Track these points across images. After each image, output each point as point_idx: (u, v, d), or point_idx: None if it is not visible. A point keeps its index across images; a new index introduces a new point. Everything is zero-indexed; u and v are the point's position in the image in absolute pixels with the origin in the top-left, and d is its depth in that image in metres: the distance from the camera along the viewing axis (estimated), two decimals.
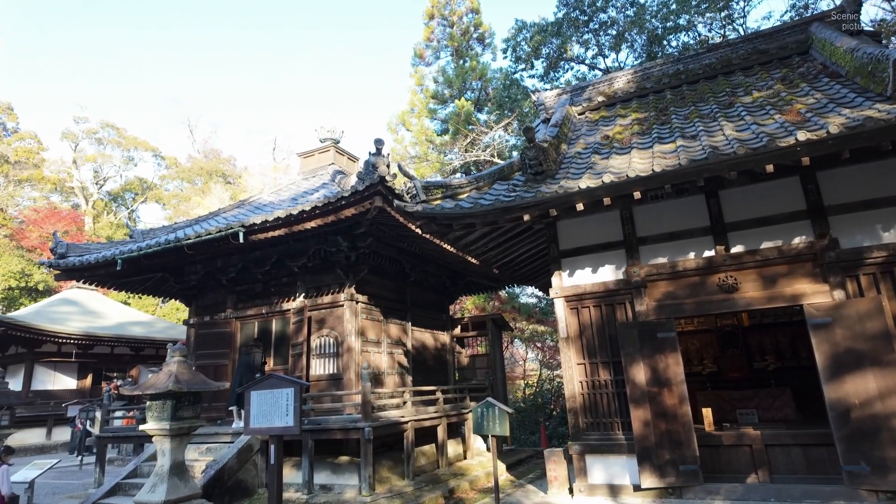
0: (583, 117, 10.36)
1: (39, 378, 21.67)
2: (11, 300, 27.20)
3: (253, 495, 8.35)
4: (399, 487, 8.46)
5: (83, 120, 41.29)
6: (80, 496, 9.42)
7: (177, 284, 12.35)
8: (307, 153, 14.76)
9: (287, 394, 5.82)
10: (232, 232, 9.32)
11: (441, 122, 24.05)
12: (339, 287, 10.43)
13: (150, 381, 6.42)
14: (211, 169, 42.99)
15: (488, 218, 6.88)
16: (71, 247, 11.47)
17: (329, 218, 8.84)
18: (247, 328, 11.56)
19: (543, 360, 23.57)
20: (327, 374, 10.09)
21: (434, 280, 13.27)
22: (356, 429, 8.15)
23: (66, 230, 28.61)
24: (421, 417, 9.57)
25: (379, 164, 8.33)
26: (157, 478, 6.09)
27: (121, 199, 43.89)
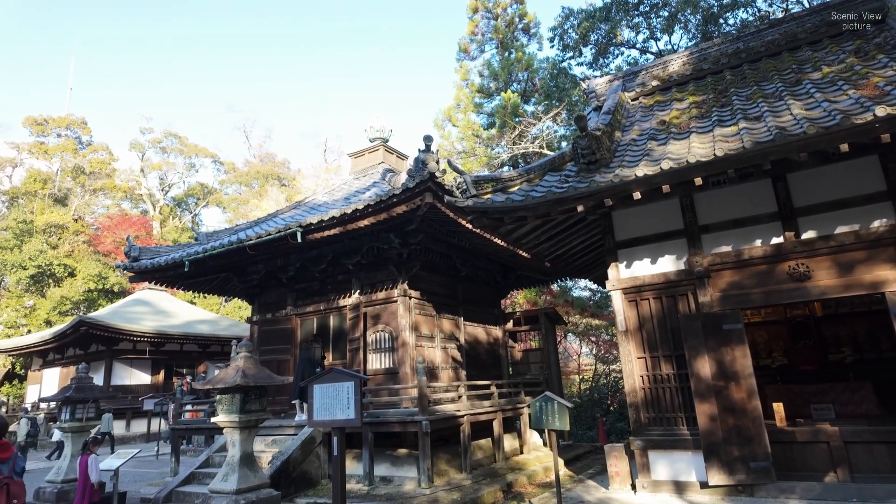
0: (636, 103, 10.04)
1: (118, 374, 23.24)
2: (91, 301, 29.23)
3: (317, 486, 8.64)
4: (457, 480, 8.53)
5: (148, 130, 43.79)
6: (158, 484, 10.05)
7: (240, 284, 12.92)
8: (357, 153, 15.05)
9: (348, 387, 5.97)
10: (290, 232, 9.64)
11: (487, 116, 23.91)
12: (393, 283, 10.60)
13: (220, 376, 6.76)
14: (267, 172, 44.61)
15: (540, 210, 6.80)
16: (143, 250, 12.21)
17: (381, 216, 8.98)
18: (306, 324, 11.95)
19: (598, 354, 23.10)
20: (384, 369, 10.29)
21: (485, 275, 13.25)
22: (414, 422, 8.28)
23: (137, 235, 30.43)
24: (476, 412, 9.61)
25: (428, 160, 8.39)
26: (228, 468, 6.42)
27: (184, 203, 46.30)
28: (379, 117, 15.11)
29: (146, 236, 33.52)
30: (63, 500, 8.04)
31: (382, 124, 14.95)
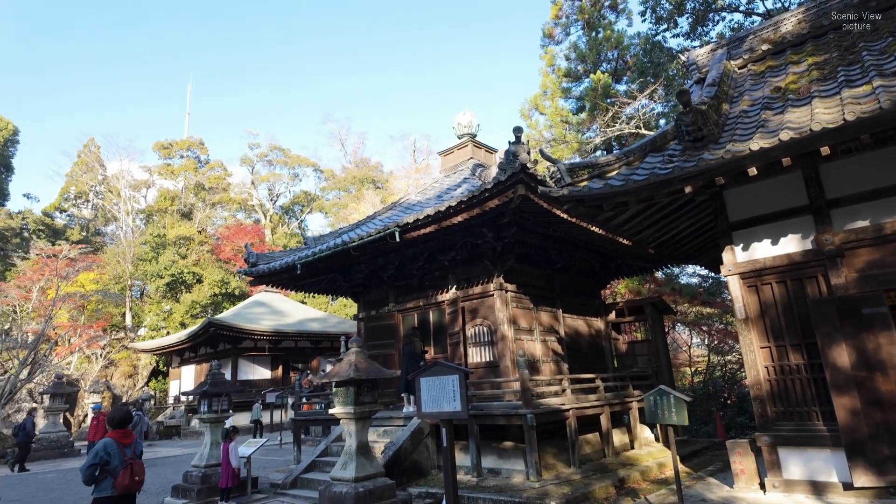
0: (744, 71, 9.21)
1: (242, 369, 25.57)
2: (216, 304, 32.38)
3: (427, 475, 8.92)
4: (566, 474, 8.40)
5: (256, 146, 47.56)
6: (284, 470, 10.93)
7: (345, 283, 13.65)
8: (446, 151, 15.25)
9: (453, 380, 6.10)
10: (389, 232, 10.01)
11: (576, 100, 23.14)
12: (488, 277, 10.64)
13: (335, 371, 7.19)
14: (362, 177, 46.64)
15: (642, 194, 6.47)
16: (260, 256, 13.31)
17: (474, 211, 9.03)
18: (408, 319, 12.37)
19: (711, 344, 21.57)
20: (484, 362, 10.38)
21: (582, 265, 12.88)
22: (518, 415, 8.27)
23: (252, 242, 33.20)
24: (582, 405, 9.38)
25: (519, 151, 8.30)
26: (346, 457, 6.82)
27: (291, 211, 49.77)
28: (465, 113, 15.19)
29: (260, 243, 36.47)
30: (206, 483, 9.00)
31: (469, 120, 15.02)
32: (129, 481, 5.01)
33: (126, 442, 5.17)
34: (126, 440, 5.19)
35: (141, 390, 30.08)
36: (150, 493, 10.37)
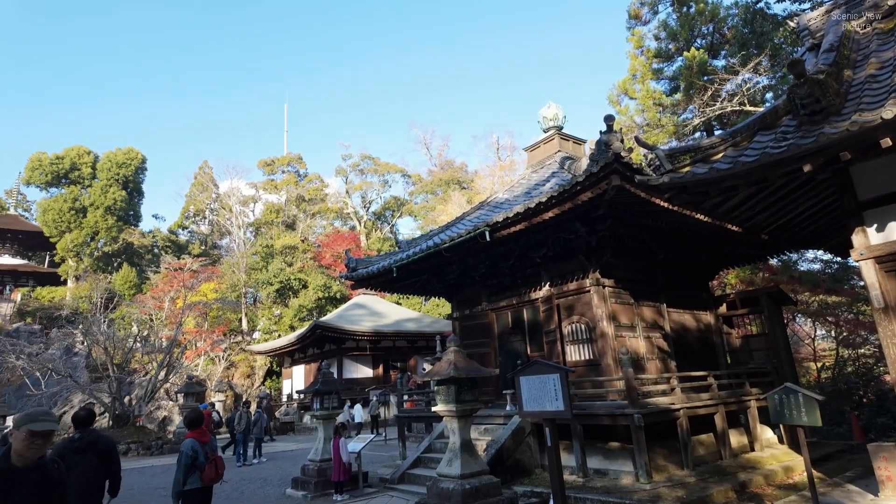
0: (868, 31, 8.18)
1: (347, 368, 26.95)
2: (320, 308, 34.40)
3: (531, 474, 8.88)
4: (679, 477, 7.97)
5: (348, 157, 49.94)
6: (391, 466, 11.38)
7: (438, 284, 13.94)
8: (532, 146, 15.05)
9: (554, 379, 6.02)
10: (479, 232, 10.08)
11: (669, 81, 21.82)
12: (583, 273, 10.36)
13: (435, 369, 7.38)
14: (448, 178, 47.33)
15: (754, 176, 5.96)
16: (359, 261, 13.97)
17: (566, 205, 8.84)
18: (502, 318, 12.38)
19: (840, 336, 19.38)
20: (584, 360, 10.12)
21: (686, 256, 12.11)
22: (624, 415, 7.98)
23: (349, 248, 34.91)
24: (694, 405, 8.85)
25: (612, 140, 8.00)
26: (451, 454, 6.97)
27: (382, 216, 51.71)
28: (550, 106, 14.90)
29: (356, 249, 38.20)
30: (322, 476, 9.61)
31: (555, 112, 14.71)
32: (214, 474, 5.64)
33: (204, 440, 5.79)
34: (203, 438, 5.81)
35: (258, 389, 32.71)
36: (273, 484, 11.28)
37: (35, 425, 2.93)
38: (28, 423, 2.93)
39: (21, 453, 2.93)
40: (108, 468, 5.50)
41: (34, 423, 2.94)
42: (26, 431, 2.91)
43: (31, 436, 2.91)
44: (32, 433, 2.91)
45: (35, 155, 43.27)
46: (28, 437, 2.91)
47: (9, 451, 2.95)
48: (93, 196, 42.56)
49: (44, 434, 2.96)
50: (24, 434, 2.91)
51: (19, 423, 2.94)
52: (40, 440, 2.95)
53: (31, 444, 2.92)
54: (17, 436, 2.93)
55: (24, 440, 2.92)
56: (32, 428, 2.92)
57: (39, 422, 2.96)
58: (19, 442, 2.92)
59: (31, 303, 39.55)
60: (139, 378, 26.47)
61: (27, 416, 2.99)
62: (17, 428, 2.95)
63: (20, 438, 2.92)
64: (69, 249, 41.42)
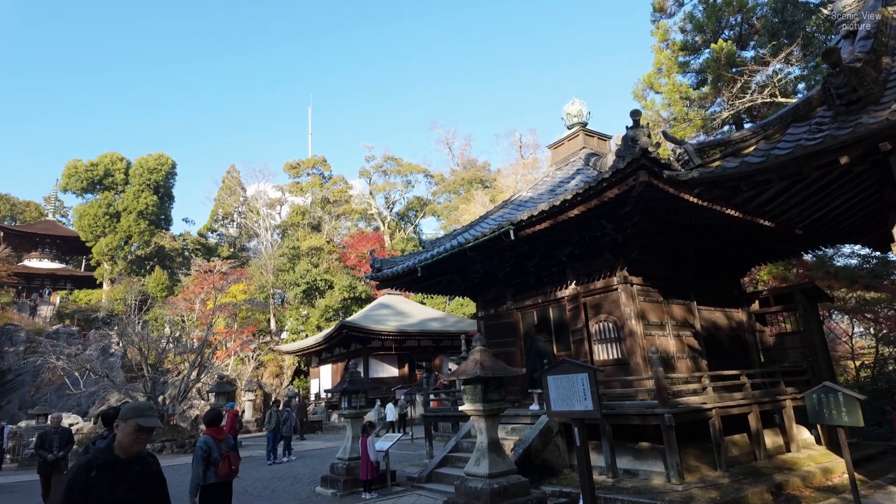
0: None
1: (373, 368, 27.16)
2: (346, 308, 34.78)
3: (559, 474, 8.81)
4: (712, 478, 7.81)
5: (371, 158, 50.34)
6: (418, 465, 11.43)
7: (463, 283, 13.93)
8: (556, 143, 14.93)
9: (582, 378, 5.96)
10: (503, 231, 10.04)
11: (696, 74, 21.38)
12: (610, 271, 10.22)
13: (461, 369, 7.38)
14: (470, 178, 47.30)
15: (787, 169, 5.79)
16: (384, 262, 14.07)
17: (591, 202, 8.73)
18: (527, 317, 12.30)
19: (880, 334, 18.70)
20: (612, 360, 9.99)
21: (717, 252, 11.84)
22: (654, 414, 7.85)
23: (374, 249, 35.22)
24: (727, 404, 8.65)
25: (638, 136, 7.87)
26: (479, 453, 6.96)
27: (406, 217, 51.98)
28: (574, 103, 14.75)
29: (380, 249, 38.48)
30: (351, 474, 9.70)
31: (579, 109, 14.56)
32: (228, 470, 5.84)
33: (219, 437, 6.02)
34: (219, 436, 6.04)
35: (287, 388, 33.24)
36: (303, 482, 11.44)
37: (143, 420, 2.87)
38: (137, 417, 2.86)
39: (126, 447, 2.86)
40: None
41: (142, 417, 2.88)
42: (135, 425, 2.84)
43: (139, 430, 2.85)
44: (140, 427, 2.85)
45: (71, 162, 44.83)
46: (135, 431, 2.84)
47: (111, 443, 2.88)
48: (126, 201, 43.89)
49: (150, 429, 2.92)
50: (132, 427, 2.84)
51: (127, 415, 2.87)
52: (146, 435, 2.90)
53: (138, 438, 2.86)
54: (125, 429, 2.85)
55: (130, 433, 2.84)
56: (141, 423, 2.85)
57: (147, 417, 2.90)
58: (126, 435, 2.85)
59: (69, 305, 41.01)
60: (172, 378, 27.18)
61: (135, 410, 2.93)
62: (123, 420, 2.86)
63: (128, 432, 2.84)
64: (104, 253, 42.80)
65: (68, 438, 9.10)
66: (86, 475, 2.70)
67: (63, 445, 8.84)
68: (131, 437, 2.84)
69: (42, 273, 44.87)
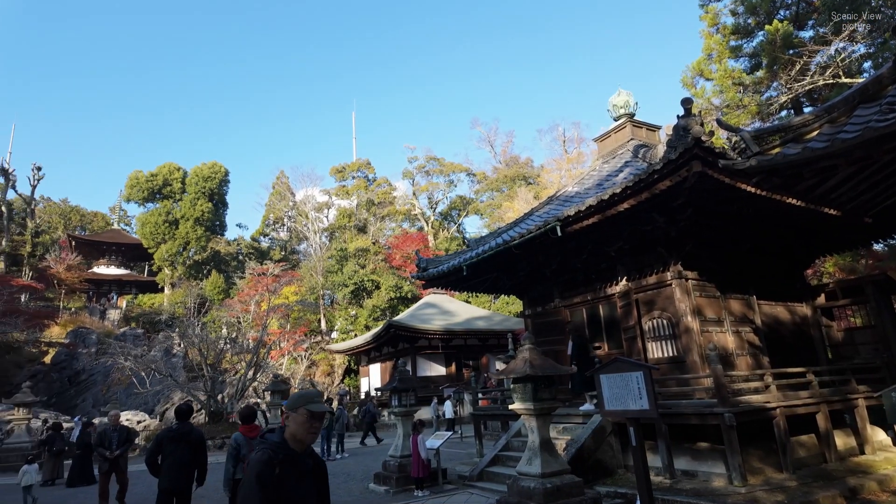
0: None
1: (420, 366, 27.39)
2: (392, 308, 35.23)
3: (614, 475, 8.62)
4: (777, 480, 7.44)
5: (414, 159, 50.82)
6: (468, 463, 11.45)
7: (508, 281, 13.85)
8: (602, 136, 14.60)
9: (637, 377, 5.81)
10: (550, 227, 9.90)
11: (749, 58, 20.40)
12: (663, 266, 9.90)
13: (510, 367, 7.34)
14: (513, 175, 46.96)
15: (856, 154, 5.45)
16: (429, 261, 14.17)
17: (642, 196, 8.47)
18: (576, 315, 12.10)
19: None
20: (667, 357, 9.68)
21: (777, 244, 11.26)
22: (714, 414, 7.55)
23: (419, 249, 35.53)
24: (792, 403, 8.22)
25: (690, 125, 7.57)
26: (531, 452, 6.90)
27: (449, 216, 52.15)
28: (620, 94, 14.38)
29: (424, 249, 38.78)
30: (403, 472, 9.83)
31: (625, 100, 14.18)
32: None
33: (252, 435, 6.19)
34: (251, 433, 6.21)
35: (338, 387, 34.01)
36: (356, 478, 11.68)
37: (314, 406, 2.70)
38: (307, 404, 2.69)
39: (300, 437, 2.67)
40: (196, 457, 6.18)
41: (312, 403, 2.71)
42: (306, 413, 2.67)
43: (311, 417, 2.67)
44: (312, 414, 2.68)
45: (132, 174, 47.47)
46: (308, 419, 2.67)
47: (284, 436, 2.69)
48: (183, 209, 46.11)
49: (321, 416, 2.73)
50: (303, 416, 2.66)
51: (296, 403, 2.71)
52: (318, 423, 2.72)
53: (311, 426, 2.68)
54: (297, 418, 2.67)
55: (303, 422, 2.66)
56: (312, 409, 2.68)
57: (316, 403, 2.73)
58: (300, 425, 2.67)
59: (134, 309, 43.45)
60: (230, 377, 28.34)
61: (303, 398, 2.75)
62: (293, 410, 2.70)
63: (300, 421, 2.67)
64: (165, 259, 45.12)
65: (126, 436, 9.13)
66: (271, 472, 2.51)
67: (122, 443, 8.85)
68: (305, 427, 2.66)
69: (109, 279, 47.72)
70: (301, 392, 2.83)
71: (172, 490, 6.13)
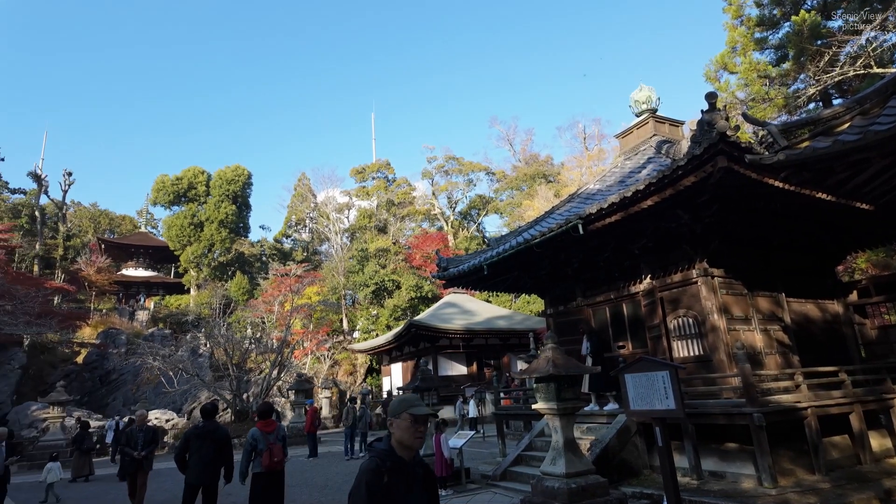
0: None
1: (441, 366, 27.43)
2: (413, 308, 35.35)
3: (639, 475, 8.52)
4: (809, 482, 7.26)
5: (433, 159, 50.91)
6: (491, 462, 11.43)
7: (530, 280, 13.77)
8: (624, 132, 14.44)
9: (663, 376, 5.73)
10: (571, 225, 9.81)
11: (774, 51, 19.95)
12: (688, 263, 9.74)
13: (533, 367, 7.30)
14: (533, 173, 46.69)
15: (890, 146, 5.29)
16: (449, 261, 14.19)
17: (666, 192, 8.33)
18: (599, 314, 11.97)
19: None
20: (693, 357, 9.52)
21: (806, 240, 10.97)
22: (742, 414, 7.40)
23: (438, 248, 35.55)
24: (824, 403, 8.01)
25: (715, 119, 7.41)
26: (554, 452, 6.86)
27: (469, 216, 52.12)
28: (642, 89, 14.18)
29: (444, 249, 38.81)
30: None
31: (647, 95, 13.98)
32: (269, 461, 6.22)
33: (268, 429, 6.36)
34: (268, 428, 6.38)
35: (360, 386, 34.28)
36: None
37: (416, 409, 2.57)
38: (408, 408, 2.58)
39: (407, 443, 2.55)
40: (222, 454, 6.36)
41: (414, 407, 2.59)
42: (409, 417, 2.55)
43: (415, 422, 2.55)
44: (415, 418, 2.56)
45: (159, 178, 48.56)
46: (412, 424, 2.55)
47: (390, 444, 2.57)
48: (208, 211, 46.99)
49: (425, 420, 2.60)
50: (407, 420, 2.55)
51: (398, 409, 2.60)
52: (423, 427, 2.60)
53: (416, 431, 2.56)
54: (401, 424, 2.56)
55: (408, 427, 2.55)
56: (414, 412, 2.56)
57: (417, 406, 2.61)
58: (405, 431, 2.55)
59: (161, 310, 44.45)
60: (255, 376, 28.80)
61: (404, 403, 2.63)
62: (396, 416, 2.59)
63: (405, 427, 2.55)
64: (190, 261, 46.04)
65: (152, 437, 8.97)
66: (380, 481, 2.42)
67: (147, 444, 8.70)
68: (410, 432, 2.55)
69: (137, 281, 48.90)
70: (401, 398, 2.71)
71: (198, 485, 6.39)
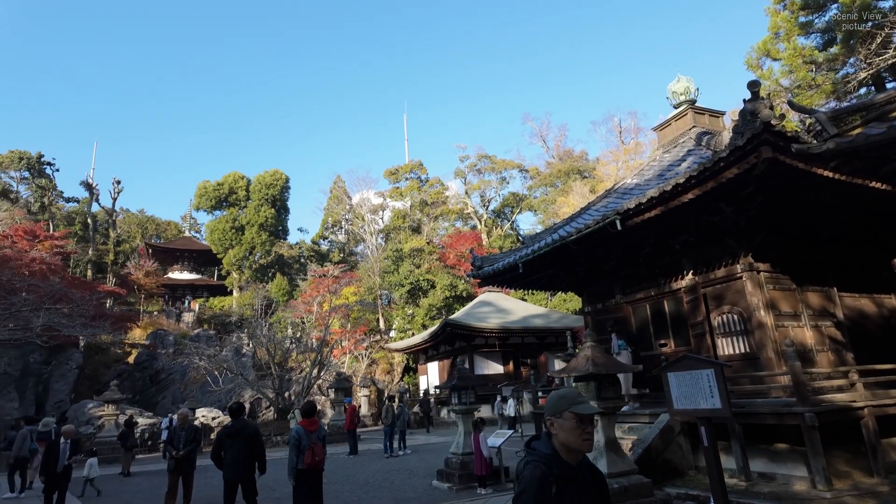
0: None
1: (478, 365, 27.41)
2: (448, 307, 35.43)
3: (684, 476, 8.32)
4: (867, 485, 6.94)
5: (465, 158, 50.86)
6: None
7: (566, 278, 13.61)
8: (662, 125, 14.10)
9: (707, 375, 5.58)
10: (609, 221, 9.64)
11: (821, 35, 19.06)
12: (732, 258, 9.43)
13: (572, 365, 7.24)
14: (567, 169, 46.09)
15: None
16: (484, 259, 14.17)
17: (707, 185, 8.10)
18: (639, 311, 11.74)
19: None
20: (738, 354, 9.22)
21: (859, 231, 10.45)
22: (792, 413, 7.13)
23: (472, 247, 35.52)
24: (882, 402, 7.65)
25: (758, 109, 7.16)
26: (596, 451, 6.77)
27: (502, 214, 51.88)
28: (680, 80, 13.81)
29: (478, 247, 38.68)
30: (465, 469, 9.89)
31: (685, 86, 13.62)
32: (311, 460, 6.36)
33: (311, 428, 6.50)
34: (311, 427, 6.51)
35: (398, 384, 34.62)
36: (419, 475, 11.86)
37: (579, 407, 2.22)
38: (570, 406, 2.22)
39: (575, 447, 2.19)
40: (253, 450, 6.63)
41: (576, 405, 2.23)
42: (573, 416, 2.20)
43: (580, 421, 2.20)
44: (580, 417, 2.20)
45: (201, 183, 50.23)
46: (578, 424, 2.19)
47: (554, 447, 2.21)
48: (248, 215, 48.36)
49: (591, 418, 2.24)
50: (571, 420, 2.20)
51: (558, 406, 2.24)
52: (589, 426, 2.23)
53: (583, 431, 2.19)
54: (564, 424, 2.20)
55: (574, 429, 2.19)
56: (577, 410, 2.21)
57: (580, 403, 2.25)
58: (569, 431, 2.19)
59: (206, 311, 46.00)
60: (296, 375, 29.45)
61: (564, 399, 2.26)
62: (557, 415, 2.23)
63: (569, 427, 2.19)
64: (232, 263, 47.49)
65: (193, 436, 8.78)
66: (548, 492, 2.07)
67: (188, 443, 8.52)
68: (577, 433, 2.18)
69: (183, 283, 50.74)
70: (559, 393, 2.32)
71: (235, 480, 6.68)
